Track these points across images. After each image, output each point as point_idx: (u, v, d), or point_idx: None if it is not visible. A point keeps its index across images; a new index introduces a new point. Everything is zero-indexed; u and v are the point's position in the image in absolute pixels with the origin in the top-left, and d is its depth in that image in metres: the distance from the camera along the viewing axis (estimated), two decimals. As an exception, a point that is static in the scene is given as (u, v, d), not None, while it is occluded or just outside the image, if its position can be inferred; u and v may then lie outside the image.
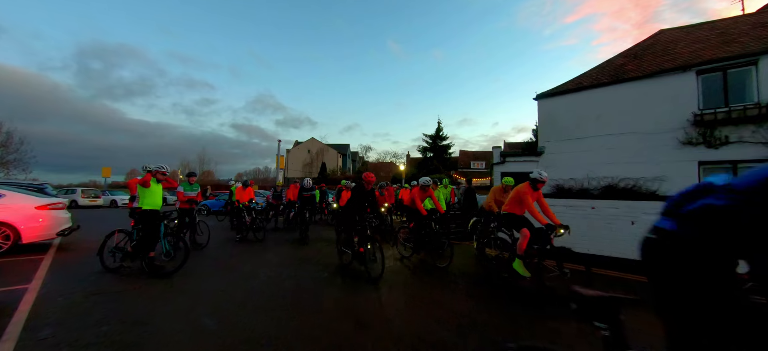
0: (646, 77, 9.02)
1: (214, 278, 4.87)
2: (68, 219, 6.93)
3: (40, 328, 3.01)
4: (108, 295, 3.93)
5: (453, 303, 3.98)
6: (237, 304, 3.76)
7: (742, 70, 7.92)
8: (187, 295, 4.03)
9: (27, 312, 3.35)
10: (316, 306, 3.79)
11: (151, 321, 3.24)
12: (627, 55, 10.95)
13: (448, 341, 2.97)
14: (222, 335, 2.98)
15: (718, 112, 7.85)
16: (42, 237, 6.41)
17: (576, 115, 10.15)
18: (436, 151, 36.44)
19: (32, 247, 6.37)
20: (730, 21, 10.50)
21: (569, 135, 10.14)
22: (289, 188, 11.52)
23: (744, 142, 7.59)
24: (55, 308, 3.50)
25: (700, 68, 8.32)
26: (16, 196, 6.45)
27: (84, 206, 20.37)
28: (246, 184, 8.95)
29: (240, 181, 9.62)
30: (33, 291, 3.99)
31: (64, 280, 4.50)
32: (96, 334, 2.92)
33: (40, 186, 13.29)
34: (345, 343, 2.90)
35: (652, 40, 11.23)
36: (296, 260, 6.17)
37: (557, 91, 10.79)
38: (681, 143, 8.30)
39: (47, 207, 6.56)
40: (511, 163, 11.13)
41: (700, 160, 8.11)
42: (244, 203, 8.46)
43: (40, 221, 6.37)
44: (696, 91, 8.34)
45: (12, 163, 24.09)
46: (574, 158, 9.78)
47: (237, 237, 8.18)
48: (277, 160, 19.10)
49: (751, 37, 8.62)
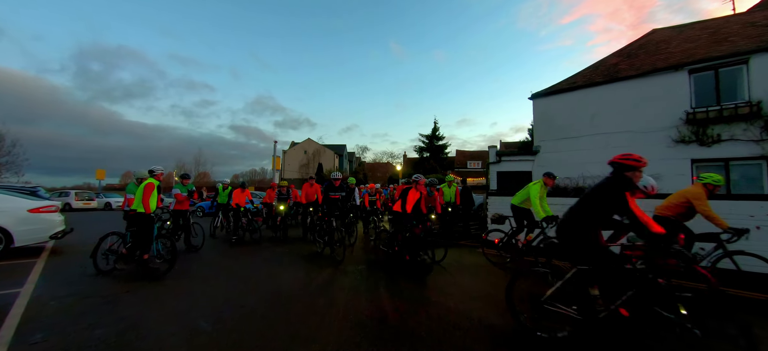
0: (639, 76, 9.10)
1: (208, 280, 4.84)
2: (61, 222, 6.85)
3: (33, 332, 2.97)
4: (101, 298, 3.89)
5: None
6: (232, 306, 3.74)
7: (734, 69, 8.02)
8: (182, 298, 4.00)
9: (19, 316, 3.31)
10: (321, 306, 3.78)
11: (145, 323, 3.21)
12: (620, 54, 11.05)
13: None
14: (216, 337, 2.96)
15: (710, 111, 7.94)
16: (34, 240, 6.33)
17: (570, 114, 10.22)
18: (433, 151, 36.56)
19: (24, 250, 6.29)
20: (722, 20, 10.63)
21: (564, 134, 10.21)
22: (303, 187, 9.64)
23: (736, 139, 7.68)
24: (48, 312, 3.46)
25: (692, 67, 8.42)
26: (8, 199, 6.36)
27: (78, 209, 20.14)
28: (244, 187, 8.81)
29: (237, 183, 9.46)
30: (25, 295, 3.94)
31: (56, 284, 4.45)
32: (89, 338, 2.89)
33: (33, 189, 13.17)
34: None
35: (645, 40, 11.34)
36: (295, 258, 6.14)
37: (552, 91, 10.86)
38: (674, 141, 8.38)
39: (40, 210, 6.48)
40: (506, 163, 11.18)
41: (693, 158, 8.20)
42: (242, 206, 8.40)
43: (33, 224, 6.29)
44: (688, 90, 8.43)
45: (4, 166, 23.78)
46: (569, 157, 9.84)
47: (233, 238, 8.14)
48: (274, 161, 19.03)
49: (742, 36, 8.73)
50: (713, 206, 4.33)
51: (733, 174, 7.92)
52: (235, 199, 8.46)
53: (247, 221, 8.38)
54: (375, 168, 46.61)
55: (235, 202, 8.42)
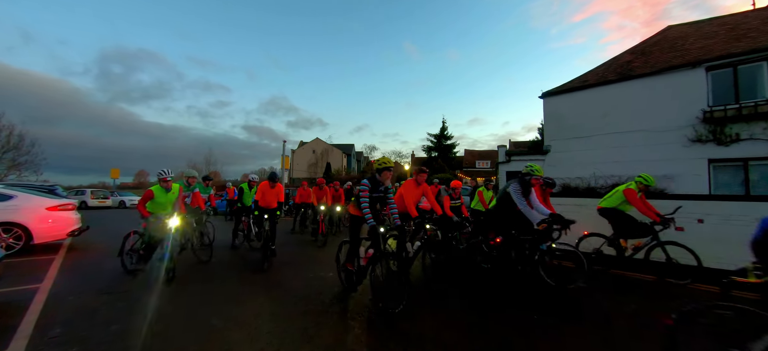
0: (654, 74, 8.89)
1: (222, 279, 4.91)
2: (78, 220, 7.04)
3: (52, 327, 3.06)
4: (117, 295, 3.99)
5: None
6: (245, 306, 3.79)
7: (753, 66, 7.77)
8: (196, 296, 4.07)
9: (38, 311, 3.42)
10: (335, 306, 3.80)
11: (159, 320, 3.28)
12: (634, 51, 10.81)
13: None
14: (229, 335, 3.01)
15: (728, 109, 7.71)
16: (53, 237, 6.52)
17: (582, 113, 10.05)
18: (441, 151, 36.37)
19: (44, 247, 6.48)
20: (740, 16, 10.31)
21: (575, 133, 10.04)
22: (313, 189, 8.60)
23: (755, 139, 7.45)
24: (66, 307, 3.56)
25: (709, 64, 8.18)
26: (28, 198, 6.57)
27: (93, 207, 20.67)
28: (274, 180, 6.38)
29: (265, 177, 6.94)
30: (44, 290, 4.07)
31: (74, 280, 4.58)
32: (105, 333, 2.96)
33: (51, 187, 13.53)
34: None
35: (660, 37, 11.07)
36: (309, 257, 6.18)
37: (563, 90, 10.69)
38: (690, 141, 8.17)
39: (58, 208, 6.67)
40: (516, 162, 11.05)
41: (710, 158, 7.98)
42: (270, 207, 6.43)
43: (51, 222, 6.48)
44: (705, 88, 8.20)
45: (23, 165, 24.55)
46: (581, 157, 9.68)
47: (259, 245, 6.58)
48: (282, 161, 19.19)
49: (762, 32, 8.45)
50: (733, 208, 4.24)
51: (752, 174, 7.68)
52: (262, 198, 6.40)
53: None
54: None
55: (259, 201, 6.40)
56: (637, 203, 4.88)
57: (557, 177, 9.97)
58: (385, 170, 3.90)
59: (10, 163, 23.78)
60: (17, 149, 24.19)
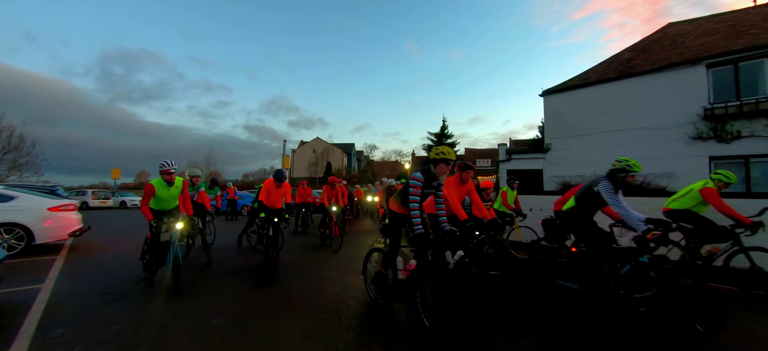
0: (654, 71, 8.88)
1: (224, 279, 4.91)
2: (80, 220, 7.05)
3: (53, 327, 3.07)
4: (119, 295, 4.00)
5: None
6: (247, 306, 3.80)
7: (754, 63, 7.76)
8: (197, 296, 4.08)
9: (40, 311, 3.42)
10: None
11: (161, 320, 3.29)
12: (635, 49, 10.79)
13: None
14: (230, 335, 3.01)
15: (729, 106, 7.70)
16: (54, 238, 6.53)
17: (582, 111, 10.04)
18: (441, 150, 36.35)
19: (45, 247, 6.49)
20: (741, 13, 10.27)
21: (576, 131, 10.03)
22: (325, 188, 8.13)
23: (757, 136, 7.44)
24: (68, 307, 3.57)
25: (710, 61, 8.17)
26: (29, 198, 6.58)
27: (94, 208, 20.71)
28: (280, 178, 5.91)
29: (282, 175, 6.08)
30: (46, 291, 4.08)
31: (76, 280, 4.59)
32: (106, 333, 2.97)
33: (52, 188, 13.58)
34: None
35: (661, 34, 11.04)
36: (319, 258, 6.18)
37: (564, 88, 10.67)
38: (691, 138, 8.16)
39: (59, 208, 6.68)
40: (516, 161, 11.04)
41: (711, 155, 7.97)
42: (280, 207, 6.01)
43: (53, 222, 6.50)
44: (706, 85, 8.19)
45: (24, 166, 24.58)
46: (581, 155, 9.67)
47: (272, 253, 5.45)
48: (283, 160, 19.27)
49: (763, 28, 8.43)
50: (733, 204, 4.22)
51: (753, 171, 7.67)
52: (267, 197, 5.92)
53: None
54: (383, 166, 46.61)
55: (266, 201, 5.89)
56: (718, 204, 4.20)
57: (558, 175, 9.97)
58: (442, 162, 3.14)
59: (11, 164, 23.80)
60: (18, 150, 24.21)
